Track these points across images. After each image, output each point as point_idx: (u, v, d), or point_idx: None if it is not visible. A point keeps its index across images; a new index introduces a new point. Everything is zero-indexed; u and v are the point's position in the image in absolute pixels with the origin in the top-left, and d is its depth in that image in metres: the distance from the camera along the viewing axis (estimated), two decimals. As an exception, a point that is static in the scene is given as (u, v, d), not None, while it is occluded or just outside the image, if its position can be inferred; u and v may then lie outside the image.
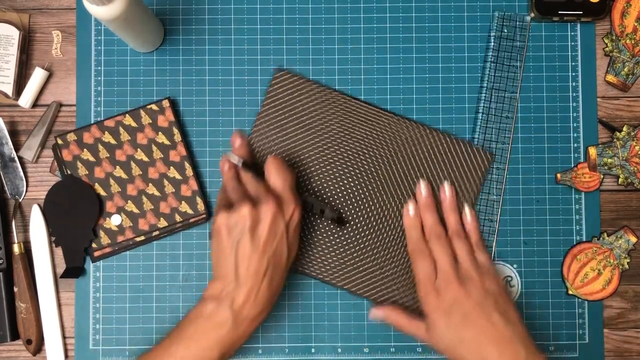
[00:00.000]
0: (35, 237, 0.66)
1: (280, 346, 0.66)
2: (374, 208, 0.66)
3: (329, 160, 0.66)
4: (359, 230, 0.66)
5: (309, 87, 0.66)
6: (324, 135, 0.66)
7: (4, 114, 0.67)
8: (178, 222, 0.65)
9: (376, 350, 0.66)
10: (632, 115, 0.68)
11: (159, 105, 0.66)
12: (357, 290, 0.65)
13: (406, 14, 0.68)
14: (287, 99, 0.66)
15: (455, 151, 0.66)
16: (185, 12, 0.68)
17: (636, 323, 0.67)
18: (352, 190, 0.66)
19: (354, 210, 0.66)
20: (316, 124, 0.66)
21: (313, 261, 0.66)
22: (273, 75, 0.66)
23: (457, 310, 0.58)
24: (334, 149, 0.66)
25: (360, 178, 0.66)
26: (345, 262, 0.66)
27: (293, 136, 0.66)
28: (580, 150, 0.67)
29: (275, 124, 0.66)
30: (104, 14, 0.54)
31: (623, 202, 0.68)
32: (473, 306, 0.58)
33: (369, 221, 0.66)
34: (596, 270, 0.66)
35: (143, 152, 0.65)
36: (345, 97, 0.66)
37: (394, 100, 0.67)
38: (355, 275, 0.66)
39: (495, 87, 0.67)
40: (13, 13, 0.67)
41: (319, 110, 0.66)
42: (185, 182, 0.65)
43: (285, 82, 0.66)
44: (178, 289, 0.66)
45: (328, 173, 0.66)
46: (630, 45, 0.68)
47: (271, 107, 0.66)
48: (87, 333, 0.66)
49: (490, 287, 0.60)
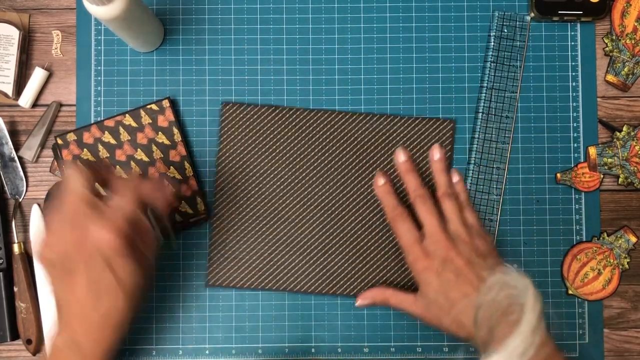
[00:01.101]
0: (35, 237, 0.66)
1: (280, 346, 0.66)
2: (352, 209, 0.66)
3: (300, 175, 0.66)
4: (343, 234, 0.66)
5: (259, 112, 0.66)
6: (289, 153, 0.66)
7: (4, 114, 0.67)
8: (178, 222, 0.65)
9: (376, 350, 0.66)
10: (632, 115, 0.68)
11: (159, 105, 0.66)
12: (343, 292, 0.65)
13: (406, 14, 0.68)
14: (242, 130, 0.66)
15: (419, 129, 0.66)
16: (185, 12, 0.68)
17: (636, 323, 0.67)
18: (328, 198, 0.66)
19: (333, 216, 0.66)
20: (278, 144, 0.66)
21: (294, 275, 0.66)
22: (220, 111, 0.66)
23: (448, 269, 0.58)
24: (302, 163, 0.66)
25: (332, 183, 0.66)
26: (330, 269, 0.66)
27: (259, 163, 0.66)
28: (580, 150, 0.67)
29: (237, 158, 0.66)
30: (104, 14, 0.54)
31: (623, 202, 0.68)
32: (464, 264, 0.58)
33: (348, 223, 0.66)
34: (596, 270, 0.66)
35: (143, 152, 0.65)
36: (297, 110, 0.66)
37: (393, 100, 0.67)
38: (338, 278, 0.66)
39: (495, 87, 0.67)
40: (13, 13, 0.67)
41: (277, 130, 0.66)
42: (186, 182, 0.65)
43: (234, 114, 0.66)
44: (178, 288, 0.66)
45: (303, 188, 0.66)
46: (630, 45, 0.68)
47: (228, 142, 0.66)
48: (87, 333, 0.66)
49: (480, 246, 0.59)
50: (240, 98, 0.67)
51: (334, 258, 0.66)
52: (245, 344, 0.66)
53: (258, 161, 0.66)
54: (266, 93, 0.67)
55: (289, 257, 0.66)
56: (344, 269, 0.66)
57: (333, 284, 0.66)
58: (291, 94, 0.67)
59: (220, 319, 0.66)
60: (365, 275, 0.66)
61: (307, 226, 0.66)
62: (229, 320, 0.66)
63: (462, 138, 0.67)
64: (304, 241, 0.66)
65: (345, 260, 0.66)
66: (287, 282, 0.66)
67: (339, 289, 0.65)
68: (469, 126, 0.67)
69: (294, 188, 0.66)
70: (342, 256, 0.66)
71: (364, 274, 0.66)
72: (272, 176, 0.66)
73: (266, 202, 0.66)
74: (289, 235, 0.66)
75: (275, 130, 0.66)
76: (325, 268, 0.66)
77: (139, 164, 0.65)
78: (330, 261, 0.66)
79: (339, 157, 0.66)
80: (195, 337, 0.66)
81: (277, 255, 0.66)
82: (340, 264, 0.66)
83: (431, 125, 0.66)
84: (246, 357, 0.66)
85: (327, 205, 0.66)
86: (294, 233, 0.66)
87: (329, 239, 0.66)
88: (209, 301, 0.66)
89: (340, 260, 0.66)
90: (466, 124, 0.67)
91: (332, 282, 0.66)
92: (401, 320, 0.66)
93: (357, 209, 0.66)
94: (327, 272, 0.66)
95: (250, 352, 0.66)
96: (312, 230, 0.66)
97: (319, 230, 0.66)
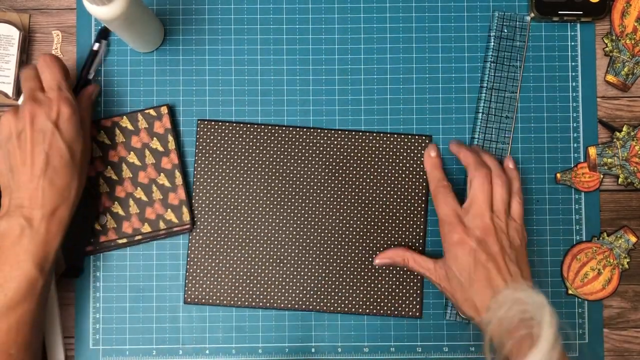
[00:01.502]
0: None
1: (280, 346, 0.66)
2: (329, 224, 0.66)
3: (277, 191, 0.66)
4: (317, 247, 0.66)
5: (235, 129, 0.66)
6: (266, 170, 0.66)
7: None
8: (162, 229, 0.65)
9: (376, 350, 0.66)
10: (632, 115, 0.68)
11: (157, 111, 0.65)
12: (322, 308, 0.65)
13: (406, 14, 0.68)
14: (218, 147, 0.66)
15: (394, 145, 0.66)
16: (185, 12, 0.68)
17: (636, 323, 0.67)
18: (307, 213, 0.66)
19: (309, 231, 0.66)
20: (254, 161, 0.66)
21: (293, 294, 0.65)
22: (197, 129, 0.66)
23: (482, 250, 0.57)
24: (279, 179, 0.66)
25: (309, 198, 0.66)
26: (323, 285, 0.66)
27: (236, 180, 0.66)
28: (580, 150, 0.67)
29: (214, 174, 0.66)
30: (104, 14, 0.54)
31: (623, 202, 0.68)
32: (498, 251, 0.58)
33: (325, 237, 0.66)
34: (596, 270, 0.66)
35: (136, 155, 0.65)
36: (273, 127, 0.66)
37: (393, 100, 0.67)
38: (319, 293, 0.65)
39: (495, 87, 0.67)
40: (13, 13, 0.67)
41: (253, 147, 0.66)
42: (174, 190, 0.65)
43: (211, 131, 0.66)
44: (178, 288, 0.66)
45: (280, 204, 0.66)
46: (630, 45, 0.68)
47: (205, 159, 0.66)
48: (87, 333, 0.66)
49: (514, 239, 0.59)
50: (241, 98, 0.67)
51: (313, 273, 0.65)
52: (245, 344, 0.66)
53: (235, 177, 0.66)
54: (266, 93, 0.67)
55: (266, 273, 0.65)
56: (323, 285, 0.65)
57: (313, 299, 0.65)
58: (291, 94, 0.67)
59: (220, 319, 0.66)
60: (345, 289, 0.65)
61: (284, 242, 0.66)
62: (229, 320, 0.66)
63: (462, 138, 0.67)
64: (281, 257, 0.65)
65: (325, 275, 0.65)
66: (265, 298, 0.65)
67: (317, 305, 0.65)
68: (469, 126, 0.67)
69: (271, 205, 0.66)
70: (321, 271, 0.65)
71: (344, 288, 0.65)
72: (249, 193, 0.66)
73: (243, 220, 0.65)
74: (267, 251, 0.65)
75: (251, 147, 0.66)
76: (304, 284, 0.65)
77: (130, 167, 0.65)
78: (309, 276, 0.65)
79: (317, 173, 0.66)
80: (195, 337, 0.66)
81: (255, 272, 0.65)
82: (319, 279, 0.65)
83: (407, 142, 0.66)
84: (246, 357, 0.66)
85: (303, 220, 0.66)
86: (272, 249, 0.65)
87: (305, 253, 0.65)
88: (209, 301, 0.66)
89: (318, 276, 0.65)
90: (466, 124, 0.67)
91: (311, 298, 0.65)
92: (401, 320, 0.66)
93: (334, 223, 0.66)
94: (306, 287, 0.65)
95: (250, 352, 0.66)
96: (289, 246, 0.66)
97: (296, 246, 0.66)
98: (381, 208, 0.66)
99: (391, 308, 0.65)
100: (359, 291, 0.65)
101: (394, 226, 0.66)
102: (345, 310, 0.65)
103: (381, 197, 0.66)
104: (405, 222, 0.66)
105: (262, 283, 0.65)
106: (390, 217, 0.66)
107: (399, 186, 0.66)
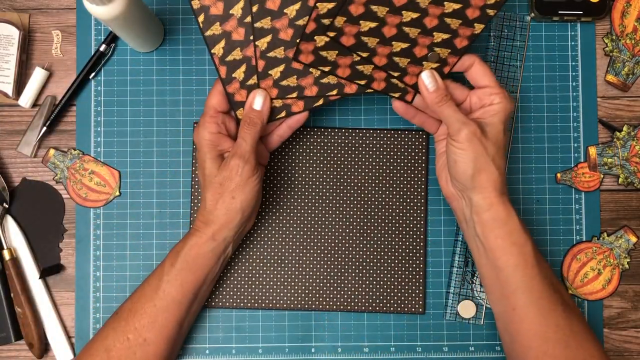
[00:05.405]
0: (17, 243, 0.66)
1: (280, 346, 0.66)
2: (333, 222, 0.66)
3: (277, 191, 0.66)
4: (328, 249, 0.66)
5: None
6: (266, 168, 0.65)
7: (4, 113, 0.67)
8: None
9: (376, 350, 0.66)
10: (632, 115, 0.68)
11: None
12: (332, 307, 0.66)
13: (406, 14, 0.68)
14: None
15: (392, 141, 0.66)
16: (185, 12, 0.68)
17: (636, 323, 0.67)
18: (308, 212, 0.66)
19: (315, 232, 0.66)
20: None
21: (295, 294, 0.66)
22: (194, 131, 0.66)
23: (495, 141, 0.57)
24: (279, 178, 0.66)
25: (312, 197, 0.66)
26: (333, 284, 0.66)
27: None
28: (580, 150, 0.67)
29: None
30: (104, 14, 0.54)
31: (623, 201, 0.68)
32: (501, 146, 0.57)
33: (332, 237, 0.66)
34: (596, 270, 0.67)
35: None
36: None
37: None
38: (328, 292, 0.66)
39: (495, 87, 0.67)
40: (13, 13, 0.67)
41: None
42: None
43: None
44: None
45: (280, 204, 0.66)
46: (630, 45, 0.68)
47: None
48: (87, 333, 0.66)
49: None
50: (240, 98, 0.67)
51: (314, 272, 0.65)
52: (245, 344, 0.66)
53: None
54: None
55: (267, 273, 0.66)
56: (324, 283, 0.65)
57: (315, 298, 0.65)
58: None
59: (220, 319, 0.66)
60: (347, 287, 0.65)
61: (284, 241, 0.66)
62: (229, 320, 0.66)
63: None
64: (281, 256, 0.66)
65: (326, 274, 0.65)
66: (267, 299, 0.65)
67: (319, 304, 0.65)
68: (469, 126, 0.67)
69: (270, 204, 0.66)
70: (322, 269, 0.65)
71: (345, 286, 0.65)
72: None
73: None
74: (267, 251, 0.66)
75: None
76: (305, 283, 0.65)
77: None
78: (310, 275, 0.65)
79: (317, 170, 0.66)
80: (195, 337, 0.66)
81: (256, 272, 0.66)
82: (321, 278, 0.65)
83: (405, 137, 0.66)
84: (246, 357, 0.66)
85: (303, 219, 0.66)
86: (272, 248, 0.66)
87: (305, 252, 0.66)
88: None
89: (320, 275, 0.65)
90: (466, 124, 0.67)
91: (312, 297, 0.65)
92: (401, 320, 0.66)
93: (335, 221, 0.66)
94: (307, 286, 0.65)
95: (250, 352, 0.66)
96: (289, 245, 0.66)
97: (296, 245, 0.66)
98: (381, 205, 0.66)
99: (394, 305, 0.65)
100: (361, 289, 0.65)
101: (395, 222, 0.66)
102: (347, 308, 0.65)
103: (381, 194, 0.66)
104: (405, 217, 0.66)
105: (263, 283, 0.65)
106: (391, 214, 0.66)
107: (398, 182, 0.66)
